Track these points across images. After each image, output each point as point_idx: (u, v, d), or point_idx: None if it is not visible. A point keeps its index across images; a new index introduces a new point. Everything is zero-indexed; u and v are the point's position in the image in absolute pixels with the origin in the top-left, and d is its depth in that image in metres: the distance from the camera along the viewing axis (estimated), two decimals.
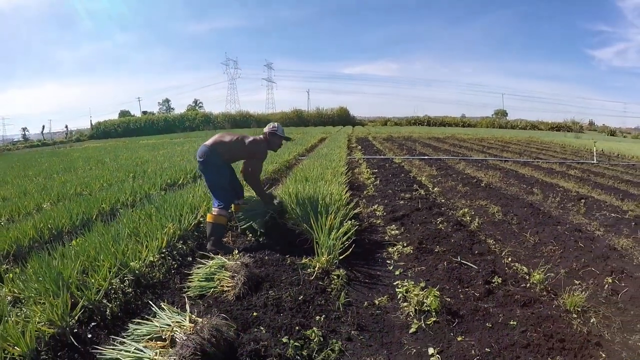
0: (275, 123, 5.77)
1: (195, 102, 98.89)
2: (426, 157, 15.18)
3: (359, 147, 20.85)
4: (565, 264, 4.54)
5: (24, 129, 72.42)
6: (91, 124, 70.44)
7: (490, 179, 9.87)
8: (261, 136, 5.67)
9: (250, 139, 5.51)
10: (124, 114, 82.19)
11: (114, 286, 3.93)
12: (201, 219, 5.91)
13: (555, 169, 12.24)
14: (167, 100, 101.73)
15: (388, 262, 4.69)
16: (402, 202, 7.16)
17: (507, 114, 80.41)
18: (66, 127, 72.95)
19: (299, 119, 65.58)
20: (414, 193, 7.91)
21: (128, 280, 4.11)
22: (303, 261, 4.40)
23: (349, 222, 5.03)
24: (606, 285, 4.00)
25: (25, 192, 10.32)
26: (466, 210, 6.61)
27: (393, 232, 5.63)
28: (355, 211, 6.09)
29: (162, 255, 4.77)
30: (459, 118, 70.17)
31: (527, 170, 11.64)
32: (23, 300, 3.66)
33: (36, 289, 3.59)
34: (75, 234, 5.70)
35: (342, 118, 66.26)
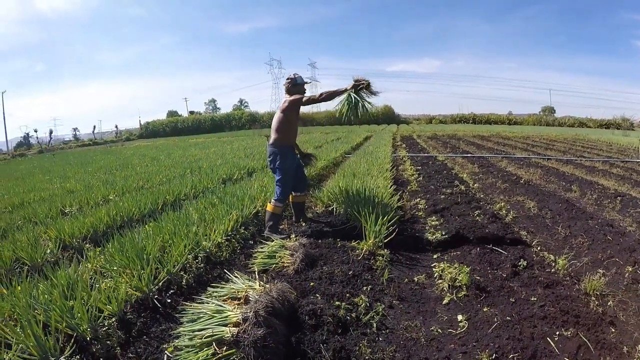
0: (291, 74, 5.84)
1: (241, 101, 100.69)
2: (469, 154, 15.49)
3: (404, 145, 21.28)
4: (592, 254, 4.83)
5: (75, 129, 76.12)
6: (140, 123, 73.52)
7: (530, 177, 10.16)
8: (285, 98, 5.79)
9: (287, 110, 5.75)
10: (171, 113, 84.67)
11: (188, 262, 4.52)
12: (260, 209, 6.54)
13: (598, 167, 12.33)
14: (214, 100, 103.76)
15: (427, 247, 5.24)
16: (442, 196, 7.65)
17: (554, 110, 78.37)
18: (116, 126, 76.87)
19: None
20: (454, 189, 8.37)
21: (200, 257, 4.72)
22: (352, 244, 4.99)
23: (393, 212, 5.57)
24: (627, 274, 4.23)
25: (90, 185, 11.03)
26: (503, 204, 7.01)
27: (433, 222, 6.15)
28: (399, 204, 6.69)
29: (228, 238, 5.39)
30: (505, 115, 68.70)
31: (569, 169, 11.82)
32: (104, 274, 4.18)
33: (121, 262, 4.17)
34: (144, 221, 6.34)
35: (387, 116, 66.14)
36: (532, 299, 3.72)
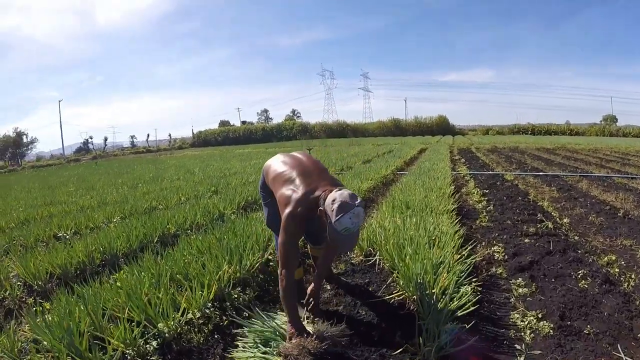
0: (339, 203, 2.78)
1: (293, 112, 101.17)
2: (541, 173, 13.13)
3: (462, 159, 18.98)
4: None
5: (132, 137, 78.98)
6: (192, 132, 75.18)
7: (623, 204, 7.84)
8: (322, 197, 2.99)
9: (299, 193, 3.11)
10: (223, 123, 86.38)
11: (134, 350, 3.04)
12: (270, 257, 4.77)
13: None
14: (266, 111, 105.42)
15: (517, 346, 3.15)
16: (526, 239, 5.52)
17: (616, 119, 74.04)
18: (169, 135, 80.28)
19: (396, 128, 64.41)
20: (538, 225, 6.21)
21: (152, 345, 3.14)
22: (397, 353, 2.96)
23: (467, 293, 3.50)
24: None
25: (105, 202, 10.35)
26: (612, 257, 4.87)
27: (520, 289, 4.07)
28: (471, 260, 4.30)
29: (208, 309, 3.66)
30: (565, 125, 65.21)
31: None
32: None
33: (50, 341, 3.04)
34: (133, 258, 4.81)
35: (442, 127, 64.09)
36: None
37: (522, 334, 3.30)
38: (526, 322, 3.44)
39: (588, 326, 3.28)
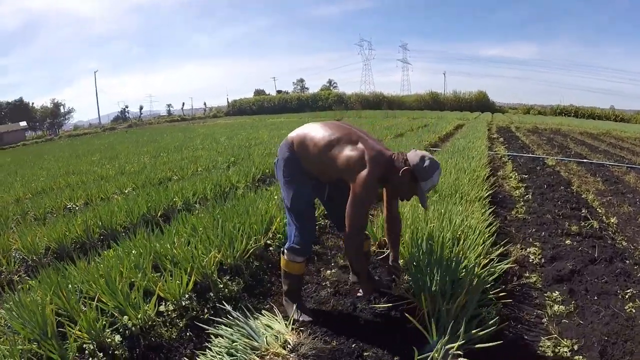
0: (429, 160, 2.87)
1: (330, 82, 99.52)
2: (585, 160, 12.15)
3: (501, 139, 17.88)
4: None
5: (169, 105, 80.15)
6: (228, 101, 75.03)
7: None
8: (396, 157, 2.93)
9: (371, 153, 2.88)
10: (258, 92, 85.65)
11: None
12: (269, 242, 4.26)
13: None
14: (302, 80, 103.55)
15: None
16: (567, 240, 4.78)
17: None
18: (204, 104, 79.82)
19: (434, 102, 62.10)
20: (582, 223, 5.45)
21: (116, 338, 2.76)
22: None
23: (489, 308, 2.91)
24: None
25: (123, 171, 10.25)
26: None
27: (555, 306, 3.37)
28: (503, 266, 3.51)
29: (185, 301, 3.19)
30: (610, 110, 61.25)
31: None
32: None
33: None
34: (133, 232, 4.46)
35: (481, 103, 61.30)
36: None
37: None
38: (558, 354, 2.78)
39: None
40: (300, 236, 3.09)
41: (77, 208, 6.57)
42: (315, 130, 3.09)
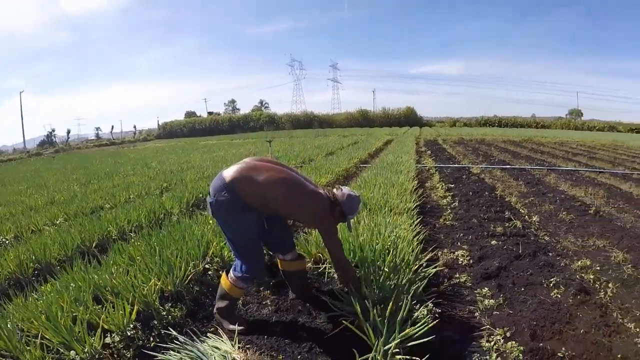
0: (354, 193, 3.39)
1: (261, 102, 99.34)
2: (508, 166, 12.91)
3: (429, 151, 18.63)
4: None
5: (97, 129, 75.78)
6: (158, 124, 73.43)
7: (592, 199, 7.65)
8: (325, 192, 3.37)
9: (317, 196, 3.28)
10: (189, 114, 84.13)
11: None
12: (207, 266, 4.28)
13: None
14: (233, 101, 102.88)
15: None
16: (493, 241, 5.14)
17: (582, 113, 76.19)
18: (134, 127, 77.68)
19: (364, 120, 64.07)
20: (506, 224, 5.86)
21: None
22: None
23: (421, 308, 3.15)
24: None
25: (53, 201, 9.72)
26: (586, 262, 4.43)
27: (486, 301, 3.65)
28: (431, 269, 3.90)
29: (130, 331, 3.16)
30: (531, 119, 67.00)
31: (629, 186, 9.07)
32: None
33: None
34: (69, 265, 4.34)
35: (409, 118, 64.02)
36: None
37: (488, 357, 2.88)
38: (492, 343, 3.01)
39: (563, 348, 2.87)
40: (249, 265, 3.20)
41: (7, 242, 6.27)
42: (255, 170, 3.13)
